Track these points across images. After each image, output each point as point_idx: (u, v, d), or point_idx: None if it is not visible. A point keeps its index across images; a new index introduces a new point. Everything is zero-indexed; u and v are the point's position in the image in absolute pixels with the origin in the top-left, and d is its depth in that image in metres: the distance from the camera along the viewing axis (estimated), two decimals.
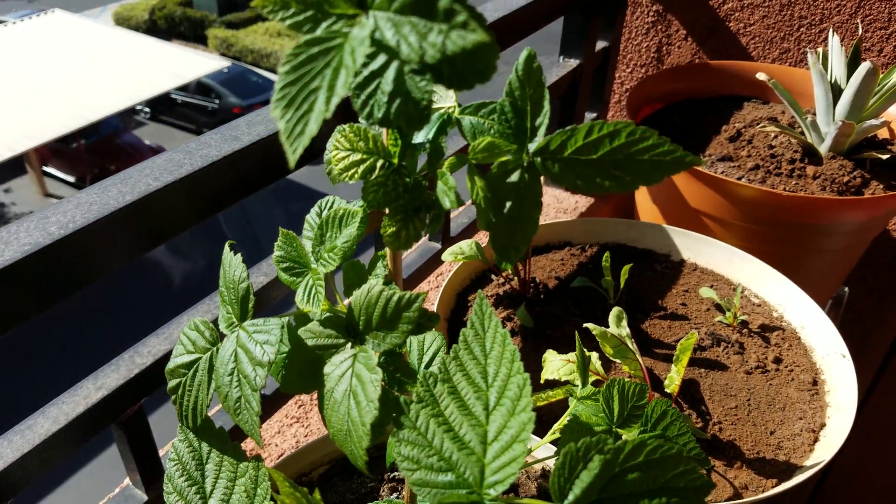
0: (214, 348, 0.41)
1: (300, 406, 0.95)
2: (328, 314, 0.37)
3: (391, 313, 0.34)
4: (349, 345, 0.36)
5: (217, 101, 11.27)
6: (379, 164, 0.34)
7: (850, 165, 0.97)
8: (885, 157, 0.95)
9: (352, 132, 0.33)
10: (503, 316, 0.82)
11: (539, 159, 0.34)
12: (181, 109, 11.54)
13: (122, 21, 14.96)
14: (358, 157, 0.33)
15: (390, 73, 0.24)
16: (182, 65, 10.49)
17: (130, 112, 11.01)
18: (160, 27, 15.05)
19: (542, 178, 0.36)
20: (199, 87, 11.31)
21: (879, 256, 1.37)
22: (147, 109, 11.73)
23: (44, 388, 6.32)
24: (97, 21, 13.95)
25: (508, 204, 0.35)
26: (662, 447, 0.29)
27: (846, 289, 1.37)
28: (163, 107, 11.59)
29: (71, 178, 9.85)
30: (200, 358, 0.42)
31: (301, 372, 0.36)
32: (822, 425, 0.71)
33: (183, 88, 11.05)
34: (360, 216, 0.37)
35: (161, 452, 0.75)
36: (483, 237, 1.17)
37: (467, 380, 0.33)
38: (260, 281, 0.72)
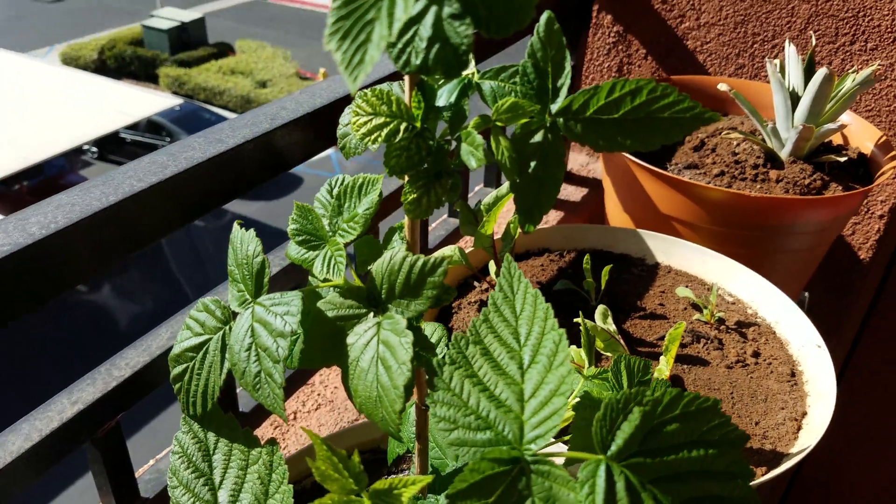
0: (227, 327, 0.40)
1: (276, 427, 0.94)
2: (347, 286, 0.37)
3: (415, 279, 0.34)
4: (371, 314, 0.36)
5: (168, 140, 11.15)
6: (402, 126, 0.34)
7: (810, 169, 1.00)
8: (842, 159, 0.99)
9: (374, 96, 0.33)
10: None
11: (562, 120, 0.35)
12: (130, 148, 11.37)
13: (70, 61, 14.75)
14: (381, 120, 0.33)
15: (429, 18, 0.24)
16: (131, 103, 10.36)
17: (77, 152, 10.79)
18: (109, 67, 14.87)
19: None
20: (149, 126, 11.19)
21: (836, 260, 1.42)
22: (94, 149, 11.52)
23: None
24: (43, 61, 13.74)
25: (533, 164, 0.35)
26: (698, 399, 0.29)
27: (806, 294, 1.41)
28: (111, 146, 11.40)
29: None
30: (211, 338, 0.41)
31: (321, 346, 0.36)
32: (804, 413, 0.72)
33: (133, 127, 10.90)
34: (381, 182, 0.37)
35: (137, 474, 0.73)
36: (465, 243, 1.17)
37: (499, 341, 0.34)
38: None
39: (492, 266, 0.84)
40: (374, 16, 0.23)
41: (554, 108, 0.35)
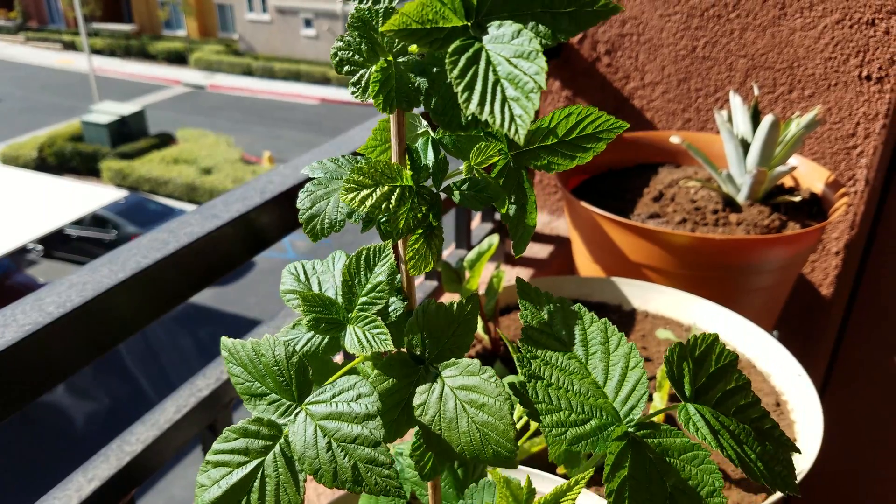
0: (279, 443, 0.38)
1: None
2: (387, 358, 0.38)
3: (456, 326, 0.36)
4: (424, 371, 0.37)
5: (115, 232, 11.01)
6: (407, 190, 0.36)
7: (767, 210, 1.06)
8: (797, 199, 1.05)
9: (370, 167, 0.35)
10: None
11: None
12: (76, 244, 11.18)
13: (9, 160, 14.56)
14: (385, 188, 0.35)
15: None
16: (74, 199, 10.24)
17: (22, 251, 10.55)
18: (50, 164, 14.72)
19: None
20: (94, 220, 11.04)
21: (800, 299, 1.47)
22: (40, 247, 11.29)
23: None
24: None
25: (513, 196, 0.39)
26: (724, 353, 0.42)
27: (775, 332, 1.46)
28: (56, 243, 11.19)
29: None
30: (263, 461, 0.38)
31: (388, 420, 0.37)
32: (794, 440, 0.75)
33: (77, 222, 10.74)
34: (390, 248, 0.39)
35: None
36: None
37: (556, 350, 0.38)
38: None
39: (478, 320, 0.86)
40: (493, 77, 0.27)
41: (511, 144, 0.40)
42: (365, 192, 0.35)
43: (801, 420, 0.76)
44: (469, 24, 0.29)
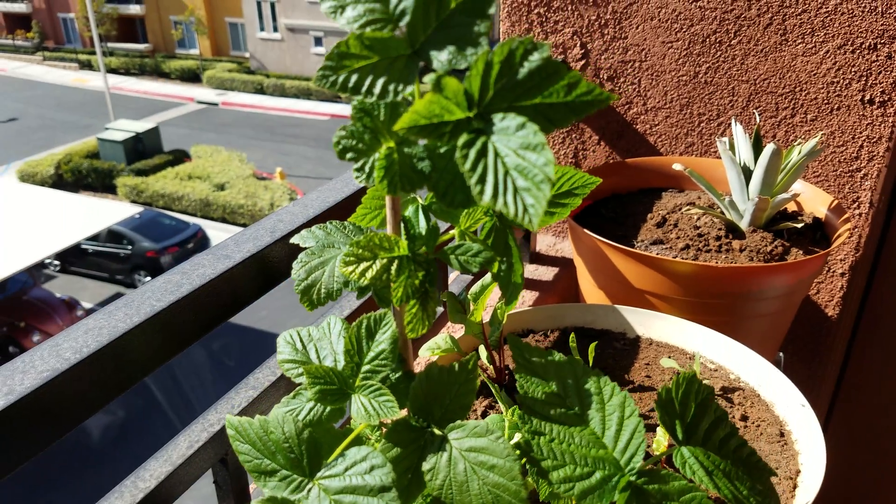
0: None
1: None
2: (393, 425, 0.40)
3: (456, 389, 0.38)
4: (430, 434, 0.39)
5: (130, 248, 11.11)
6: (405, 260, 0.38)
7: (770, 237, 1.07)
8: (799, 225, 1.06)
9: (368, 241, 0.37)
10: (485, 404, 0.85)
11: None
12: (92, 259, 11.30)
13: (27, 177, 14.75)
14: (384, 261, 0.37)
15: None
16: (91, 214, 10.36)
17: (39, 266, 10.67)
18: (67, 180, 14.90)
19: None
20: (109, 235, 11.16)
21: (806, 320, 1.48)
22: (56, 262, 11.42)
23: None
24: (0, 179, 13.70)
25: (502, 251, 0.41)
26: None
27: (781, 354, 1.46)
28: (72, 258, 11.32)
29: None
30: None
31: (398, 486, 0.38)
32: (798, 472, 0.75)
33: (93, 238, 10.86)
34: (391, 317, 0.41)
35: None
36: (456, 329, 1.20)
37: (552, 404, 0.39)
38: (249, 395, 0.73)
39: (482, 350, 0.88)
40: (496, 168, 0.29)
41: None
42: (364, 264, 0.36)
43: (804, 451, 0.77)
44: (472, 115, 0.31)
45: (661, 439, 0.71)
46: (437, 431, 0.39)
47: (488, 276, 0.85)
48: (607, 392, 0.43)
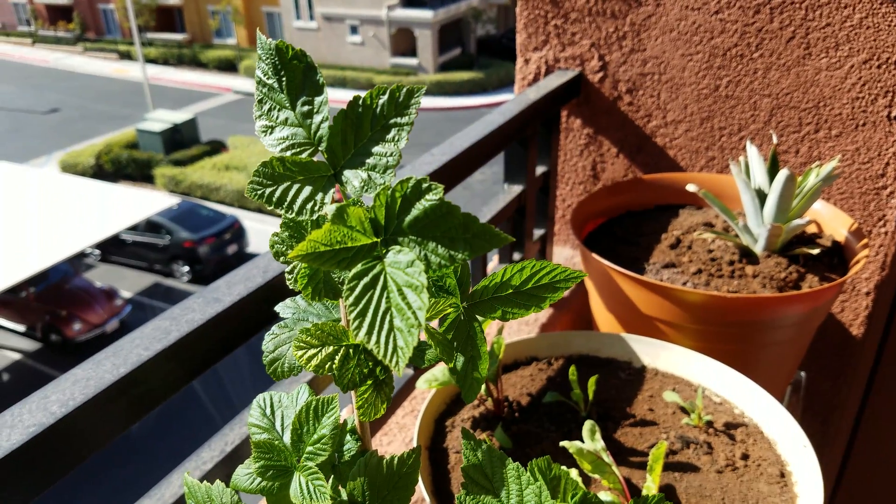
0: None
1: None
2: None
3: (395, 478, 0.38)
4: None
5: (168, 237, 11.31)
6: (351, 350, 0.38)
7: (785, 262, 1.05)
8: (815, 251, 1.04)
9: (317, 330, 0.37)
10: (482, 438, 0.85)
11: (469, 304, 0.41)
12: (131, 249, 11.52)
13: (69, 168, 15.08)
14: (330, 349, 0.37)
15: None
16: (130, 205, 10.54)
17: (79, 256, 10.92)
18: (107, 171, 15.20)
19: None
20: (148, 226, 11.36)
21: (829, 338, 1.45)
22: (97, 252, 11.67)
23: None
24: (43, 169, 14.03)
25: (463, 346, 0.40)
26: None
27: (802, 373, 1.43)
28: (112, 248, 11.56)
29: (21, 328, 9.61)
30: None
31: None
32: None
33: (132, 228, 11.06)
34: (337, 401, 0.41)
35: None
36: None
37: None
38: (243, 432, 0.74)
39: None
40: (386, 305, 0.28)
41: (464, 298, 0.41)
42: (312, 351, 0.37)
43: (802, 494, 0.75)
44: (378, 240, 0.31)
45: (652, 485, 0.70)
46: None
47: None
48: (524, 481, 0.42)
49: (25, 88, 20.93)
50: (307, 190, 0.35)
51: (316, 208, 0.34)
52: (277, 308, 0.46)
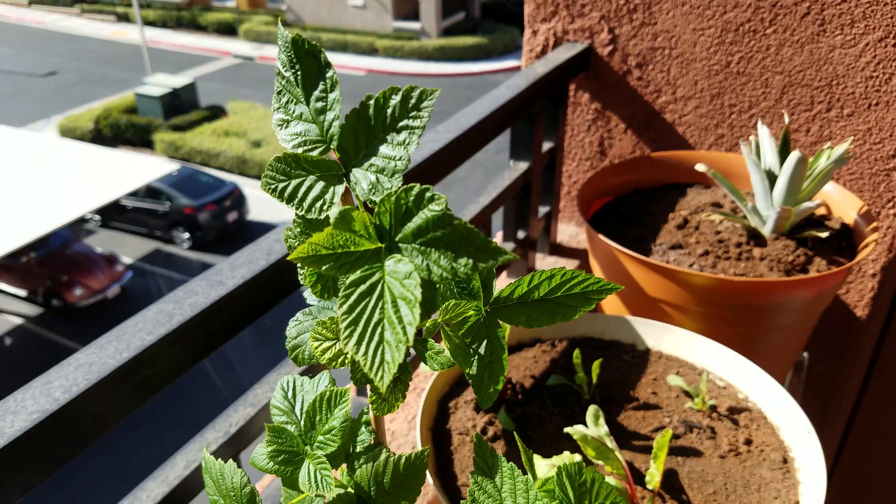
0: None
1: None
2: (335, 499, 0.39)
3: (401, 478, 0.37)
4: None
5: (168, 203, 11.27)
6: None
7: (793, 245, 1.04)
8: (824, 234, 1.03)
9: (333, 323, 0.36)
10: (485, 421, 0.84)
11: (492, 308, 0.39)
12: (131, 214, 11.49)
13: (68, 132, 14.97)
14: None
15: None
16: (131, 171, 10.48)
17: (80, 221, 10.90)
18: (106, 135, 15.09)
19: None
20: (148, 191, 11.31)
21: (834, 320, 1.44)
22: (97, 217, 11.65)
23: None
24: (41, 134, 13.94)
25: (482, 351, 0.39)
26: None
27: (805, 354, 1.43)
28: (113, 213, 11.53)
29: (22, 293, 9.64)
30: None
31: None
32: (797, 502, 0.74)
33: (132, 194, 11.02)
34: (349, 395, 0.40)
35: None
36: None
37: None
38: (247, 413, 0.74)
39: None
40: (380, 317, 0.27)
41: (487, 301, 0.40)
42: (326, 344, 0.36)
43: (804, 481, 0.75)
44: (382, 246, 0.30)
45: (655, 472, 0.70)
46: None
47: None
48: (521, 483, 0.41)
49: (22, 51, 20.70)
50: (318, 188, 0.34)
51: (325, 207, 0.33)
52: (305, 294, 0.45)
